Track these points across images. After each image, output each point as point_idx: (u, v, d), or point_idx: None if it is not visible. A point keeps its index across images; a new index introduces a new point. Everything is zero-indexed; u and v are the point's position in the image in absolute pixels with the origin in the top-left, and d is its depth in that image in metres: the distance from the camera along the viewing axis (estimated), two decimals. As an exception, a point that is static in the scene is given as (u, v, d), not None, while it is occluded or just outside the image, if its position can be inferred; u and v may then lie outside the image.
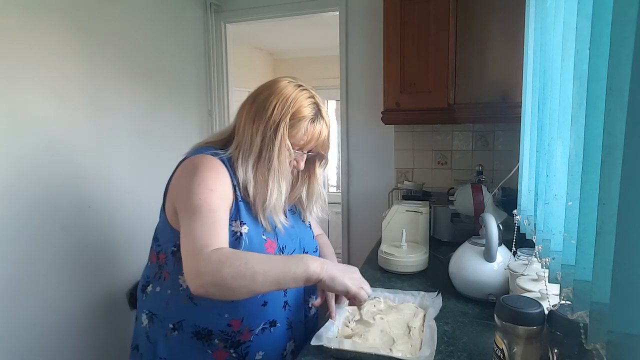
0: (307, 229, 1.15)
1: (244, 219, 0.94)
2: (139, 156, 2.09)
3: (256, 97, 0.99)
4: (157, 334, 0.99)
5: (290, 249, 1.03)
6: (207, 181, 0.89)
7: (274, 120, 0.94)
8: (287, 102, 0.95)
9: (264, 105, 0.96)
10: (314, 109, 0.99)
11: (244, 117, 0.99)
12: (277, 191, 0.96)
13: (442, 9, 1.78)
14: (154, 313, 1.00)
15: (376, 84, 2.14)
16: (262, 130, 0.95)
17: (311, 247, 1.12)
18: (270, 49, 5.14)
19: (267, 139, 0.94)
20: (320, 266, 0.84)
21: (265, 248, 0.96)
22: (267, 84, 1.01)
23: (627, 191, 0.40)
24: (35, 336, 1.62)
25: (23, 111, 1.56)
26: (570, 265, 0.62)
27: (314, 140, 1.00)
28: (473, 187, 1.63)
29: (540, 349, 0.77)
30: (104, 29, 1.87)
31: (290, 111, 0.95)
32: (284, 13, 2.48)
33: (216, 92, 2.62)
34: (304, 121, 0.97)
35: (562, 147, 0.74)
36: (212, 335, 0.95)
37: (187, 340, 0.96)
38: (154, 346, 0.99)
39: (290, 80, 1.01)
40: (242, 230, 0.93)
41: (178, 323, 0.96)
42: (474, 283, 1.20)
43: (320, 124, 1.00)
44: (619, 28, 0.42)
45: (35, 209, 1.62)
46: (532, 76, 1.06)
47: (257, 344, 0.98)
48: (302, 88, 1.00)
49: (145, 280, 1.05)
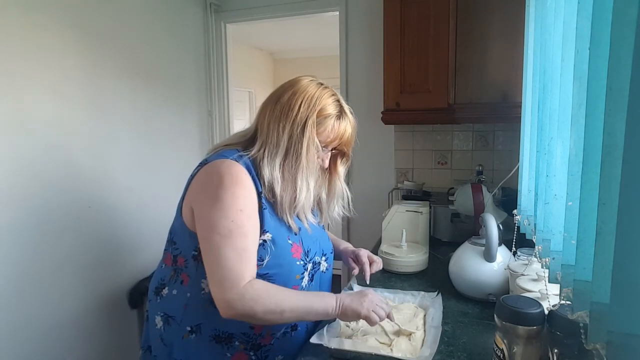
0: (323, 232, 1.15)
1: (267, 226, 0.93)
2: (139, 156, 2.09)
3: (280, 97, 0.98)
4: (173, 337, 0.98)
5: (313, 253, 1.03)
6: (237, 200, 0.88)
7: (300, 118, 0.94)
8: (312, 100, 0.95)
9: (289, 105, 0.95)
10: (338, 107, 1.00)
11: (268, 117, 0.97)
12: (305, 189, 0.95)
13: (442, 9, 1.78)
14: (170, 316, 0.98)
15: (376, 84, 2.14)
16: (289, 129, 0.94)
17: (328, 249, 1.13)
18: (270, 49, 5.14)
19: (295, 137, 0.94)
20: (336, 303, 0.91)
21: (292, 253, 0.96)
22: (289, 84, 1.00)
23: (627, 191, 0.41)
24: (36, 336, 1.62)
25: (23, 111, 1.56)
26: (570, 265, 0.62)
27: (339, 138, 1.01)
28: (473, 187, 1.63)
29: (540, 349, 0.77)
30: (104, 29, 1.87)
31: (316, 109, 0.95)
32: (284, 13, 2.48)
33: (216, 92, 2.62)
34: (330, 119, 0.97)
35: (562, 147, 0.74)
36: (232, 338, 0.95)
37: (205, 343, 0.95)
38: (170, 349, 0.98)
39: (312, 79, 1.01)
40: (265, 238, 0.93)
41: (196, 326, 0.96)
42: (474, 283, 1.20)
43: (345, 121, 1.01)
44: (619, 28, 0.42)
45: (35, 209, 1.62)
46: (532, 76, 1.06)
47: (277, 347, 0.98)
48: (324, 86, 1.00)
49: (159, 283, 1.03)
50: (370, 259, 1.16)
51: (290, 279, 0.96)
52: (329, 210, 1.13)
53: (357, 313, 0.91)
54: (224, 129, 2.67)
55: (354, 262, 1.17)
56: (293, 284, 0.97)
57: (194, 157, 2.47)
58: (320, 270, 1.08)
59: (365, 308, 0.91)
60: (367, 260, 1.15)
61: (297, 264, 0.98)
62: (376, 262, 1.17)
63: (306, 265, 1.00)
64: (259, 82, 5.10)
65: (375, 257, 1.18)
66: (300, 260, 0.98)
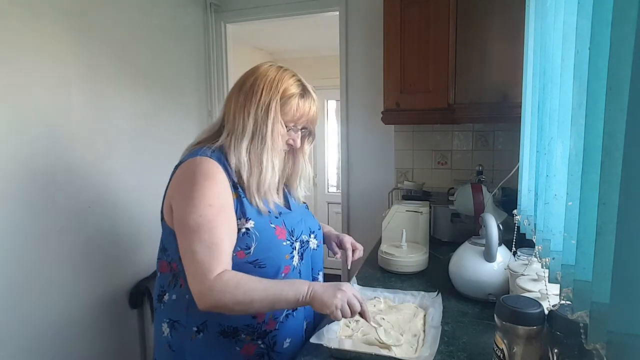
0: (306, 210, 1.18)
1: (248, 214, 0.96)
2: (139, 156, 2.09)
3: (242, 85, 1.01)
4: (182, 341, 0.98)
5: (299, 231, 1.05)
6: (206, 195, 0.90)
7: (263, 101, 0.97)
8: (274, 83, 0.98)
9: (252, 90, 0.98)
10: (300, 86, 1.02)
11: (233, 106, 1.00)
12: (271, 169, 0.97)
13: (442, 10, 1.78)
14: (175, 320, 1.00)
15: (376, 84, 2.14)
16: (254, 113, 0.97)
17: (315, 226, 1.15)
18: (270, 49, 5.13)
19: (260, 120, 0.97)
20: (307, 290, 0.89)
21: (276, 236, 0.98)
22: (249, 72, 1.03)
23: (627, 191, 0.41)
24: (36, 336, 1.62)
25: (23, 111, 1.56)
26: (570, 265, 0.62)
27: (304, 116, 1.03)
28: (473, 187, 1.63)
29: (540, 349, 0.77)
30: (103, 29, 1.87)
31: (279, 90, 0.98)
32: (284, 13, 2.48)
33: (216, 92, 2.62)
34: (294, 98, 1.00)
35: (562, 147, 0.74)
36: (238, 332, 0.97)
37: (214, 340, 0.97)
38: (179, 354, 0.99)
39: (271, 64, 1.04)
40: (248, 226, 0.95)
41: (202, 324, 0.97)
42: (474, 283, 1.20)
43: (310, 99, 1.03)
44: (619, 28, 0.42)
45: (35, 209, 1.62)
46: (532, 76, 1.06)
47: (282, 332, 1.00)
48: (284, 69, 1.03)
49: (160, 290, 1.04)
50: (353, 246, 1.21)
51: (281, 260, 0.99)
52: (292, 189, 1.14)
53: (326, 305, 0.87)
54: (224, 129, 2.66)
55: (337, 246, 1.21)
56: (285, 264, 0.99)
57: (194, 157, 2.47)
58: (311, 248, 1.10)
59: (334, 303, 0.87)
60: (350, 246, 1.20)
61: (284, 244, 1.00)
62: (358, 250, 1.21)
63: (293, 244, 1.02)
64: (259, 82, 5.09)
65: (358, 245, 1.22)
66: (286, 241, 1.00)
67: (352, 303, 0.89)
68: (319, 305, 0.88)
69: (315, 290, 0.89)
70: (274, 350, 1.00)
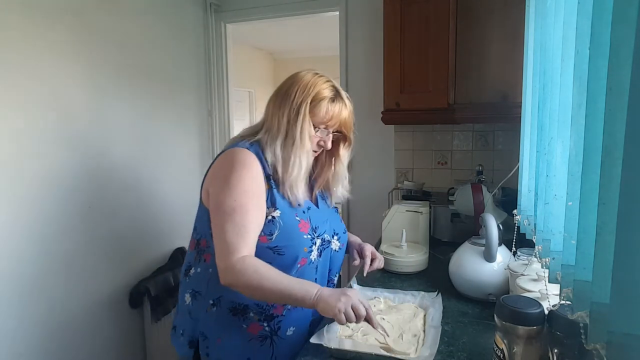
0: (335, 214, 1.25)
1: (278, 205, 1.04)
2: (140, 156, 2.09)
3: (280, 89, 1.11)
4: (199, 310, 1.08)
5: (323, 229, 1.12)
6: (242, 182, 0.99)
7: (296, 102, 1.06)
8: (307, 87, 1.07)
9: (287, 94, 1.08)
10: (333, 91, 1.10)
11: (271, 108, 1.10)
12: (297, 166, 1.05)
13: (442, 10, 1.77)
14: (197, 291, 1.09)
15: (376, 84, 2.14)
16: (287, 114, 1.06)
17: (340, 230, 1.21)
18: (270, 49, 5.14)
19: (292, 120, 1.06)
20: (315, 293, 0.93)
21: (299, 228, 1.06)
22: (289, 77, 1.13)
23: (627, 191, 0.41)
24: (37, 336, 1.63)
25: (23, 111, 1.56)
26: (570, 265, 0.62)
27: (335, 118, 1.10)
28: (473, 187, 1.63)
29: (540, 349, 0.77)
30: (104, 29, 1.87)
31: (311, 94, 1.06)
32: (284, 13, 2.48)
33: (216, 92, 2.62)
34: (324, 101, 1.07)
35: (562, 147, 0.74)
36: (247, 310, 1.05)
37: (224, 315, 1.05)
38: (195, 322, 1.09)
39: (309, 71, 1.12)
40: (275, 214, 1.03)
41: (217, 299, 1.06)
42: (474, 283, 1.20)
43: (340, 104, 1.10)
44: (619, 28, 0.42)
45: (36, 209, 1.62)
46: (532, 76, 1.06)
47: (288, 319, 1.07)
48: (320, 75, 1.12)
49: (187, 266, 1.15)
50: (373, 255, 1.24)
51: (299, 251, 1.05)
52: (333, 192, 1.23)
53: (331, 308, 0.90)
54: (224, 129, 2.67)
55: (358, 254, 1.24)
56: (302, 256, 1.06)
57: (194, 157, 2.47)
58: (332, 249, 1.16)
59: (338, 307, 0.89)
60: (369, 254, 1.23)
61: (305, 237, 1.06)
62: (378, 259, 1.23)
63: (314, 239, 1.09)
64: (259, 82, 5.10)
65: (379, 254, 1.25)
66: (307, 235, 1.07)
67: (356, 308, 0.91)
68: (324, 307, 0.91)
69: (322, 293, 0.93)
70: (277, 334, 1.06)
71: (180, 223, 2.29)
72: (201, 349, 1.08)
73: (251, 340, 1.05)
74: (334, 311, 0.89)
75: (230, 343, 1.05)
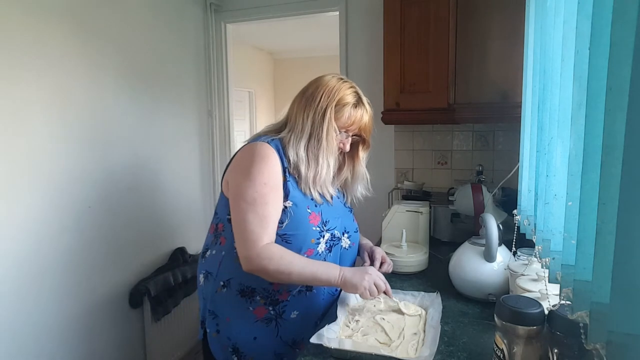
0: (349, 213, 1.28)
1: (291, 196, 1.09)
2: (139, 156, 2.09)
3: (305, 91, 1.16)
4: (210, 291, 1.14)
5: (333, 225, 1.16)
6: (263, 174, 1.04)
7: (321, 106, 1.11)
8: (332, 91, 1.12)
9: (312, 96, 1.12)
10: (356, 97, 1.15)
11: (295, 108, 1.15)
12: (326, 167, 1.11)
13: (442, 9, 1.78)
14: (209, 272, 1.15)
15: (376, 84, 2.13)
16: (312, 116, 1.11)
17: (352, 228, 1.25)
18: (270, 49, 5.14)
19: (317, 123, 1.10)
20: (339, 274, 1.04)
21: (309, 220, 1.11)
22: (314, 80, 1.18)
23: (627, 191, 0.40)
24: (36, 336, 1.63)
25: (23, 111, 1.56)
26: (570, 265, 0.62)
27: (356, 123, 1.15)
28: (473, 187, 1.63)
29: (540, 349, 0.77)
30: (104, 29, 1.88)
31: (335, 98, 1.11)
32: (284, 13, 2.48)
33: (216, 92, 2.62)
34: (347, 107, 1.12)
35: (562, 147, 0.74)
36: (254, 293, 1.10)
37: (233, 297, 1.11)
38: (205, 301, 1.16)
39: (334, 75, 1.18)
40: (287, 205, 1.08)
41: (227, 281, 1.11)
42: (474, 283, 1.20)
43: (362, 109, 1.15)
44: (619, 28, 0.42)
45: (36, 209, 1.62)
46: (532, 76, 1.05)
47: (292, 303, 1.12)
48: (344, 80, 1.17)
49: (205, 248, 1.21)
50: (383, 259, 1.26)
51: (306, 242, 1.10)
52: (353, 191, 1.29)
53: (356, 287, 1.03)
54: (224, 128, 2.67)
55: (369, 256, 1.27)
56: (308, 246, 1.10)
57: (194, 157, 2.47)
58: (342, 246, 1.20)
59: (364, 285, 1.03)
60: (379, 257, 1.26)
61: (313, 229, 1.11)
62: (387, 263, 1.26)
63: (322, 232, 1.13)
64: (259, 82, 5.10)
65: (389, 259, 1.28)
66: (316, 227, 1.12)
67: (378, 284, 1.05)
68: (350, 287, 1.03)
69: (346, 274, 1.04)
70: (282, 317, 1.12)
71: (180, 223, 2.29)
72: (211, 326, 1.13)
73: (257, 321, 1.11)
74: (360, 289, 1.02)
75: (238, 322, 1.11)
